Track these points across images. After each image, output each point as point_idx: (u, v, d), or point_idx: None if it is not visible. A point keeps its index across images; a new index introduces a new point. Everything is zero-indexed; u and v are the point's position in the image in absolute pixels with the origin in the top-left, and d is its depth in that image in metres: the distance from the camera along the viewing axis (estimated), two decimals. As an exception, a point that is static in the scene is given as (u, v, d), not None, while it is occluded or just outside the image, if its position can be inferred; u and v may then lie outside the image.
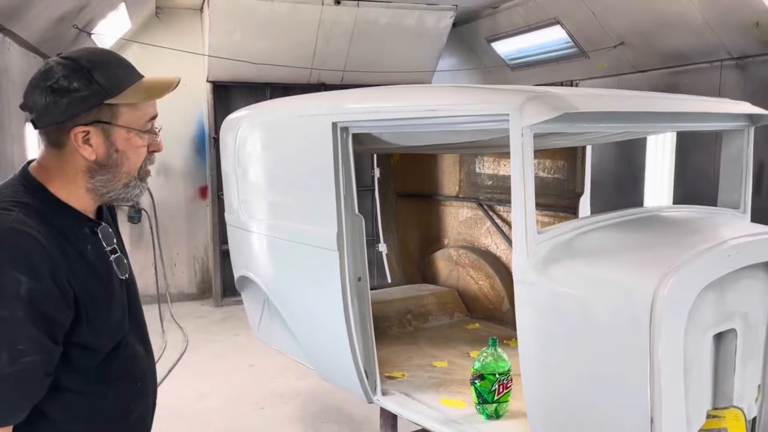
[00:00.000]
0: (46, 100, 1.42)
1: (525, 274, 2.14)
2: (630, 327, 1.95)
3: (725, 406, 2.34)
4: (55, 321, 1.36)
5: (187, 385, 4.96)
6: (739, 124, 2.80)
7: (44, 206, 1.43)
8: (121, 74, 1.48)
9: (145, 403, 1.66)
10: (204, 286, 7.67)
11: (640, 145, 6.26)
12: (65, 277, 1.38)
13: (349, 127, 2.78)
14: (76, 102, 1.41)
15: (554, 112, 2.00)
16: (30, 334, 1.32)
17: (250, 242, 3.61)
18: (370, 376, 2.96)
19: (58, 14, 4.51)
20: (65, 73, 1.42)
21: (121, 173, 1.51)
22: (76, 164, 1.47)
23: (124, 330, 1.58)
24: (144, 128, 1.52)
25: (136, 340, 1.63)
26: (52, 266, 1.35)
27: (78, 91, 1.41)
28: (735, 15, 4.90)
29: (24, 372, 1.32)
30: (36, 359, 1.33)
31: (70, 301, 1.39)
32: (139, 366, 1.63)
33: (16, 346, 1.31)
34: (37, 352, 1.33)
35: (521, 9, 6.76)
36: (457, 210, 4.68)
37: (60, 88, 1.41)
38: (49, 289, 1.34)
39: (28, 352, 1.32)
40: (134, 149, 1.51)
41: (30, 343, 1.32)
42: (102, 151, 1.47)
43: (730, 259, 2.09)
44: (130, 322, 1.61)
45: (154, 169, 6.89)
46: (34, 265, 1.33)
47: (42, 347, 1.34)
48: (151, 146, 1.56)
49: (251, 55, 6.75)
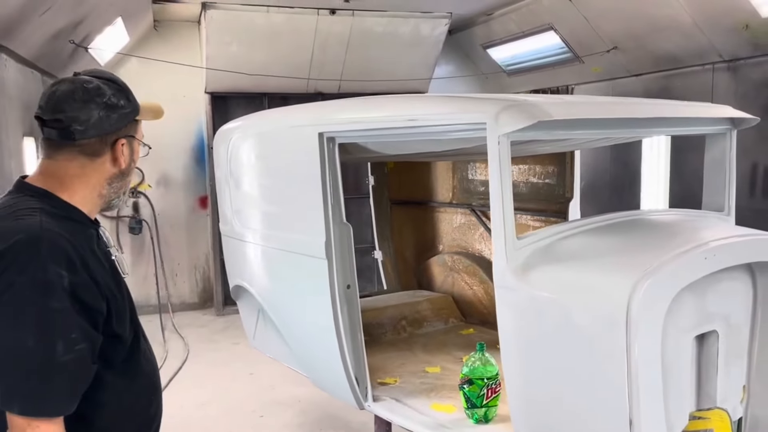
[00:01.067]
0: (100, 115, 1.58)
1: (505, 279, 2.17)
2: (607, 330, 1.98)
3: (709, 408, 2.37)
4: (95, 309, 1.47)
5: (187, 394, 5.00)
6: (721, 128, 2.82)
7: (56, 210, 1.54)
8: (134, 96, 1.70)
9: (160, 396, 1.76)
10: (205, 296, 7.72)
11: (636, 148, 6.29)
12: (94, 270, 1.49)
13: (335, 137, 2.82)
14: (123, 117, 1.62)
15: (529, 120, 2.04)
16: (79, 323, 1.42)
17: (243, 252, 3.66)
18: (360, 383, 2.99)
19: (53, 30, 4.58)
20: (113, 91, 1.61)
21: (128, 181, 1.71)
22: (104, 172, 1.62)
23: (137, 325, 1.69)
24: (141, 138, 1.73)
25: (143, 337, 1.73)
26: (82, 260, 1.46)
27: (124, 108, 1.62)
28: (725, 18, 4.93)
29: (78, 360, 1.42)
30: (85, 347, 1.43)
31: (102, 291, 1.50)
32: (151, 361, 1.73)
33: (70, 335, 1.40)
34: (85, 340, 1.43)
35: (515, 15, 6.81)
36: (451, 216, 4.72)
37: (112, 105, 1.60)
38: (86, 281, 1.45)
39: (79, 340, 1.42)
40: (137, 159, 1.72)
41: (80, 331, 1.42)
42: (128, 160, 1.67)
43: (707, 261, 2.12)
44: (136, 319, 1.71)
45: (154, 180, 6.90)
46: (71, 259, 1.44)
47: (88, 335, 1.44)
48: None
49: (248, 66, 6.81)
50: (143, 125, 1.73)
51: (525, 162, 4.01)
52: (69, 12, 4.55)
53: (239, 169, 3.61)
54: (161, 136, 7.21)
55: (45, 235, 1.43)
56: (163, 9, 6.60)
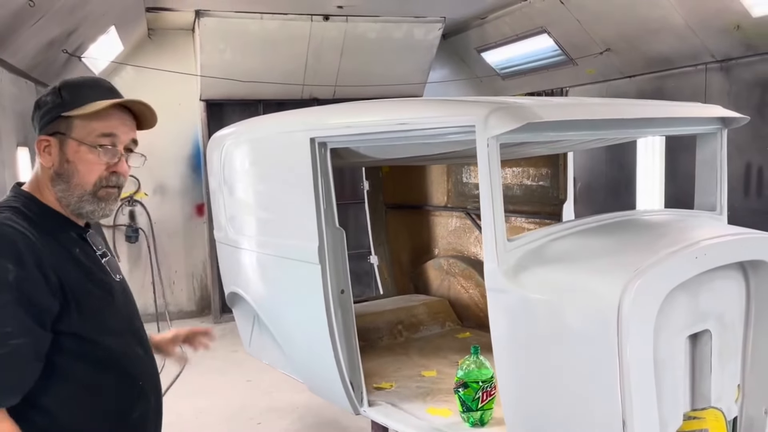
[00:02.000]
0: (34, 115, 1.61)
1: (496, 282, 2.17)
2: (599, 331, 1.97)
3: (704, 407, 2.36)
4: (41, 306, 1.45)
5: (185, 401, 4.99)
6: (711, 128, 2.82)
7: (31, 211, 1.56)
8: (88, 93, 1.61)
9: (147, 405, 1.71)
10: (203, 303, 7.71)
11: (631, 149, 6.30)
12: (49, 267, 1.47)
13: (326, 142, 2.82)
14: (43, 114, 1.59)
15: (517, 122, 2.04)
16: (17, 318, 1.41)
17: (237, 258, 3.65)
18: (356, 388, 2.98)
19: (46, 40, 4.59)
20: (50, 91, 1.61)
21: (74, 185, 1.59)
22: (45, 173, 1.60)
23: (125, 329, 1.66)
24: (94, 143, 1.58)
25: (136, 341, 1.70)
26: (35, 256, 1.45)
27: (47, 105, 1.59)
28: (716, 18, 4.94)
29: (12, 354, 1.40)
30: (24, 342, 1.42)
31: (55, 288, 1.48)
32: (140, 366, 1.70)
33: (4, 328, 1.39)
34: (25, 335, 1.42)
35: (508, 19, 6.83)
36: (446, 220, 4.72)
37: (38, 103, 1.60)
38: (34, 276, 1.44)
39: (15, 335, 1.40)
40: (84, 163, 1.59)
41: (17, 326, 1.41)
42: (57, 160, 1.58)
43: (698, 261, 2.11)
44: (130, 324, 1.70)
45: (150, 188, 6.89)
46: (20, 254, 1.43)
47: (30, 331, 1.43)
48: (111, 166, 1.62)
49: (243, 73, 6.83)
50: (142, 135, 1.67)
51: (518, 164, 4.02)
52: (62, 21, 4.56)
53: (232, 176, 3.61)
54: (157, 145, 7.19)
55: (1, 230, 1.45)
56: (157, 17, 6.61)
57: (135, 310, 1.77)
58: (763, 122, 4.94)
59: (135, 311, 1.77)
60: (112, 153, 1.60)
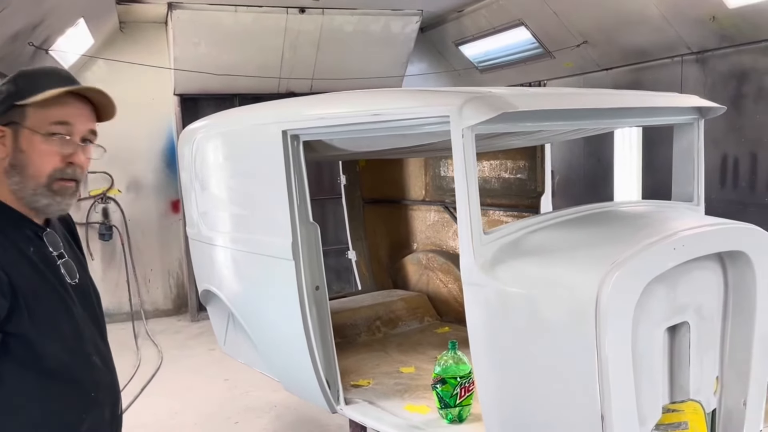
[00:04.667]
0: None
1: (472, 276, 2.12)
2: (576, 324, 1.94)
3: (683, 400, 2.34)
4: None
5: (161, 401, 4.89)
6: (688, 118, 2.80)
7: None
8: (44, 81, 1.54)
9: (99, 417, 1.63)
10: (179, 302, 7.58)
11: (609, 142, 6.31)
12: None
13: (299, 135, 2.75)
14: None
15: (493, 112, 1.99)
16: None
17: (210, 255, 3.57)
18: (332, 386, 2.93)
19: (10, 32, 4.44)
20: (4, 81, 1.54)
21: (28, 176, 1.52)
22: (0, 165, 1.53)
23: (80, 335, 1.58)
24: (47, 131, 1.52)
25: (91, 349, 1.62)
26: None
27: (1, 94, 1.52)
28: (692, 10, 4.95)
29: None
30: None
31: (5, 288, 1.41)
32: (94, 376, 1.61)
33: None
34: None
35: (485, 11, 6.79)
36: (424, 214, 4.67)
37: None
38: None
39: None
40: (37, 153, 1.51)
41: None
42: (10, 150, 1.51)
43: (676, 252, 2.09)
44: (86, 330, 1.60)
45: (124, 185, 6.72)
46: None
47: None
48: (67, 156, 1.54)
49: (217, 66, 6.70)
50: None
51: (496, 157, 3.98)
52: (27, 13, 4.42)
53: (204, 171, 3.53)
54: (131, 140, 7.08)
55: None
56: (128, 10, 6.46)
57: (96, 315, 1.68)
58: (739, 114, 4.96)
59: (96, 316, 1.68)
60: (67, 143, 1.53)
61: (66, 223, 1.77)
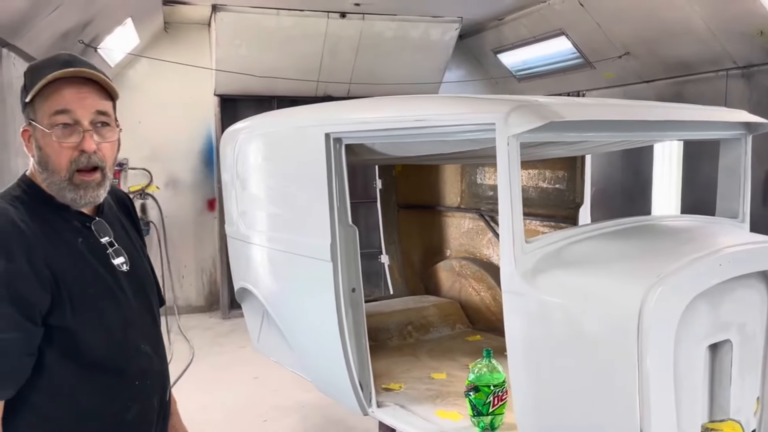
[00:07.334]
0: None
1: (513, 284, 2.12)
2: (618, 338, 1.92)
3: (722, 419, 2.30)
4: (30, 301, 1.40)
5: (191, 396, 4.94)
6: (736, 133, 2.76)
7: (33, 201, 1.50)
8: (44, 72, 1.47)
9: (147, 403, 1.64)
10: (212, 299, 7.70)
11: (647, 155, 6.22)
12: (42, 260, 1.42)
13: (342, 138, 2.78)
14: (21, 103, 1.51)
15: (540, 120, 1.99)
16: (5, 313, 1.36)
17: (248, 254, 3.62)
18: (365, 388, 2.94)
19: (62, 30, 4.58)
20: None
21: (51, 173, 1.49)
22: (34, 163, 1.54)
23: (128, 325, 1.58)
24: (50, 123, 1.46)
25: (140, 337, 1.62)
26: (27, 249, 1.40)
27: (21, 93, 1.51)
28: (739, 23, 4.86)
29: (2, 348, 1.36)
30: (12, 337, 1.37)
31: (47, 283, 1.42)
32: (142, 364, 1.62)
33: None
34: (14, 330, 1.37)
35: (526, 20, 6.77)
36: (459, 221, 4.67)
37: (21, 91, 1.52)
38: (24, 270, 1.39)
39: (4, 329, 1.36)
40: (50, 148, 1.47)
41: (5, 321, 1.36)
42: (33, 149, 1.51)
43: (722, 268, 2.05)
44: (136, 318, 1.61)
45: (162, 182, 6.84)
46: (9, 247, 1.38)
47: (19, 326, 1.38)
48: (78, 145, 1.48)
49: (258, 68, 6.80)
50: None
51: (534, 167, 3.96)
52: (78, 11, 4.55)
53: (245, 170, 3.58)
54: (171, 138, 7.23)
55: None
56: (173, 11, 6.60)
57: (147, 303, 1.68)
58: (785, 130, 4.84)
59: (147, 303, 1.68)
60: (69, 131, 1.46)
61: (124, 205, 1.77)
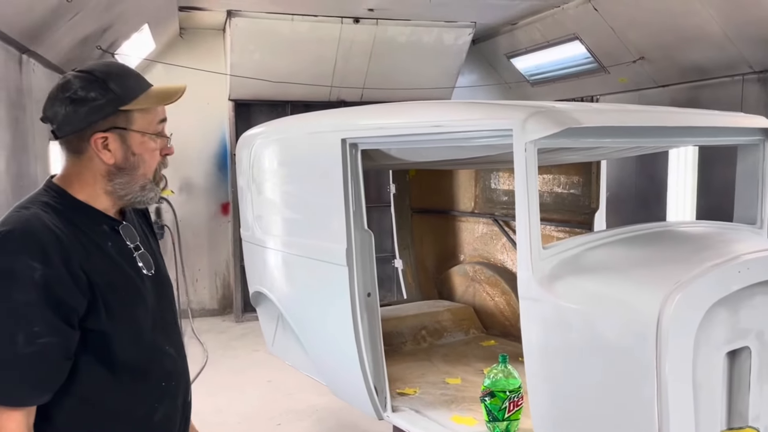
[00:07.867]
0: (66, 111, 1.51)
1: (530, 290, 2.12)
2: (636, 344, 1.92)
3: (740, 426, 2.28)
4: (68, 305, 1.43)
5: (205, 399, 4.98)
6: (754, 138, 2.75)
7: (62, 206, 1.53)
8: (133, 83, 1.58)
9: (172, 404, 1.67)
10: (225, 302, 7.73)
11: (662, 160, 6.18)
12: (78, 265, 1.45)
13: (358, 143, 2.80)
14: (95, 110, 1.51)
15: (557, 126, 2.00)
16: (45, 317, 1.39)
17: (263, 258, 3.64)
18: (380, 393, 2.95)
19: (81, 35, 4.64)
20: (82, 84, 1.52)
21: (138, 176, 1.59)
22: (94, 169, 1.56)
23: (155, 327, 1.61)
24: (155, 131, 1.60)
25: (164, 340, 1.65)
26: (63, 253, 1.43)
27: (95, 100, 1.51)
28: (755, 28, 4.83)
29: (40, 353, 1.39)
30: (52, 341, 1.40)
31: (83, 287, 1.45)
32: (167, 366, 1.65)
33: (32, 328, 1.38)
34: (53, 335, 1.40)
35: (540, 25, 6.76)
36: (472, 226, 4.67)
37: (78, 99, 1.51)
38: (61, 275, 1.41)
39: (43, 334, 1.39)
40: (149, 152, 1.59)
41: (45, 325, 1.39)
42: (120, 155, 1.55)
43: (741, 275, 2.04)
44: (160, 321, 1.64)
45: (177, 186, 6.90)
46: (47, 252, 1.41)
47: (57, 330, 1.41)
48: (164, 150, 1.63)
49: (272, 73, 6.85)
50: None
51: (549, 172, 3.96)
52: (97, 18, 4.61)
53: (261, 175, 3.61)
54: (185, 142, 7.27)
55: (26, 225, 1.42)
56: (189, 17, 6.66)
57: (169, 306, 1.72)
58: (802, 135, 4.80)
59: (169, 306, 1.72)
60: (167, 138, 1.64)
61: (142, 214, 1.81)
